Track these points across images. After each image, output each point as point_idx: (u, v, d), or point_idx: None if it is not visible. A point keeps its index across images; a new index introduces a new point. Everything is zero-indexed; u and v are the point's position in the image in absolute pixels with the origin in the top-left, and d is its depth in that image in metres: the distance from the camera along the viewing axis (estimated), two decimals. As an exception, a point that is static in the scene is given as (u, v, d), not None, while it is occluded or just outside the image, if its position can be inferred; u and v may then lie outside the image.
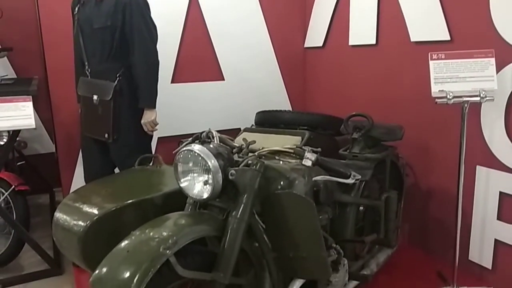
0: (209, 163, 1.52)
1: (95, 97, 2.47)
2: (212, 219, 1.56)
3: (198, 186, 1.57)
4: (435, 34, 2.54)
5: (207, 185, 1.55)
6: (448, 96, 2.08)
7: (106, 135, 2.46)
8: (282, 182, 1.71)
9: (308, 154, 1.68)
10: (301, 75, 3.79)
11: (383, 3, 2.89)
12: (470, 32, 2.37)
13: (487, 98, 2.07)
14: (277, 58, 3.64)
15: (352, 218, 2.17)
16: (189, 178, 1.59)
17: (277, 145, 1.88)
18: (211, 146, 1.59)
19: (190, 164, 1.58)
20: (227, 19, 3.37)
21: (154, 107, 2.51)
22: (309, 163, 1.68)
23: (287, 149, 1.83)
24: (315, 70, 3.70)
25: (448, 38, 2.48)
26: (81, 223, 1.65)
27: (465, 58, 2.13)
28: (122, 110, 2.46)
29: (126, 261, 1.31)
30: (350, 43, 3.20)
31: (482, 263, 2.45)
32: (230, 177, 1.54)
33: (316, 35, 3.57)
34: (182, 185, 1.61)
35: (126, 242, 1.39)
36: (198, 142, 1.71)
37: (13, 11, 3.85)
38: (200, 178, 1.56)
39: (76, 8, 2.54)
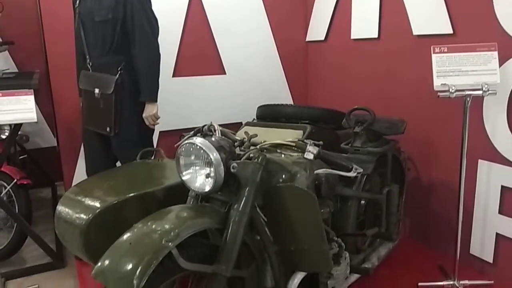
0: (211, 156, 1.52)
1: (97, 90, 2.46)
2: (214, 212, 1.56)
3: (200, 179, 1.57)
4: (438, 27, 2.53)
5: (209, 178, 1.55)
6: (450, 90, 2.08)
7: (108, 129, 2.46)
8: (283, 175, 1.71)
9: (310, 148, 1.68)
10: (302, 69, 3.78)
11: (385, -4, 2.88)
12: (473, 26, 2.36)
13: (490, 92, 2.07)
14: (279, 51, 3.63)
15: (353, 211, 2.18)
16: (191, 171, 1.59)
17: (279, 138, 1.88)
18: (213, 139, 1.59)
19: (192, 157, 1.58)
20: (228, 13, 3.35)
21: (156, 101, 2.50)
22: (311, 157, 1.68)
23: (289, 143, 1.83)
24: (316, 63, 3.69)
25: (451, 31, 2.47)
26: (83, 216, 1.66)
27: (468, 51, 2.12)
28: (123, 104, 2.45)
29: (128, 254, 1.31)
30: (352, 37, 3.19)
31: (483, 257, 2.46)
32: (232, 170, 1.54)
33: (318, 29, 3.55)
34: (184, 178, 1.61)
35: (128, 234, 1.39)
36: (200, 135, 1.71)
37: (14, 5, 3.84)
38: (202, 171, 1.56)
39: (77, 1, 2.53)
